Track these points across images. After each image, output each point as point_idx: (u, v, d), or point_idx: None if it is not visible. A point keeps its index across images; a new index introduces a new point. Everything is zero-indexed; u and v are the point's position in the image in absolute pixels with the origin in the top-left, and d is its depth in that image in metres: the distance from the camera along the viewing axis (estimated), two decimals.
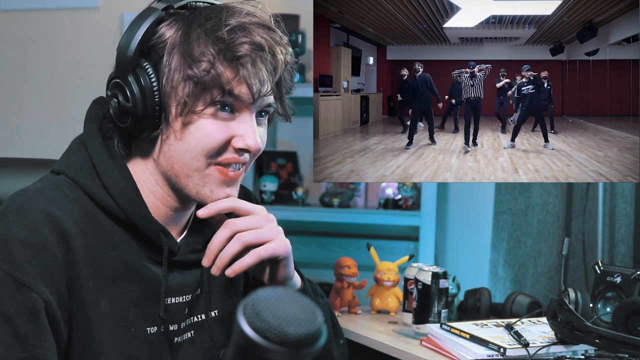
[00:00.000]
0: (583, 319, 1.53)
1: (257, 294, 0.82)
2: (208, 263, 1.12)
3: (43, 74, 3.09)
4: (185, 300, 1.17)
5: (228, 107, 1.09)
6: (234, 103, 1.09)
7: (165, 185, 1.13)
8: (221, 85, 1.06)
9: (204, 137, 1.08)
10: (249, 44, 1.06)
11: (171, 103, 1.08)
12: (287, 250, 1.14)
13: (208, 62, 1.05)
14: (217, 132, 1.08)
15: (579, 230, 2.38)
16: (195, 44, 1.06)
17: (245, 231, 1.11)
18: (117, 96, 1.08)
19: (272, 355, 0.80)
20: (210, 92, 1.06)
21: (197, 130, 1.08)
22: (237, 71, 1.06)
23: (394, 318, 2.02)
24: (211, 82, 1.06)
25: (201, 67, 1.05)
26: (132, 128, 1.09)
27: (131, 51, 1.07)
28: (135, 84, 1.06)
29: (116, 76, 1.09)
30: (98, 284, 1.06)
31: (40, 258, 1.00)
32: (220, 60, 1.06)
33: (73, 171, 1.10)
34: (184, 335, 1.18)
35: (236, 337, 0.83)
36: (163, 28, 1.09)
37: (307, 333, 0.80)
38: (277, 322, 0.80)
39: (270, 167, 2.86)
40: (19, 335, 0.98)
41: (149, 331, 1.12)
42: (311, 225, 2.85)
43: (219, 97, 1.07)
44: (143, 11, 1.10)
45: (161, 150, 1.10)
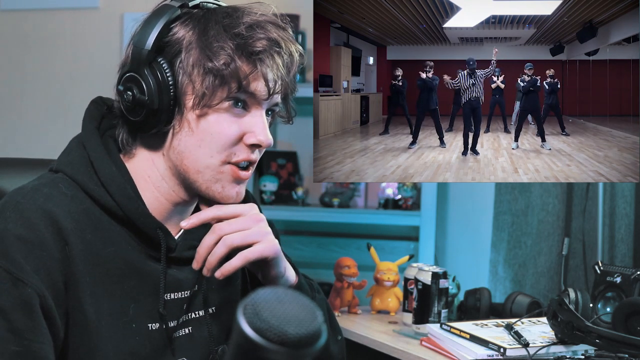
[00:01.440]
0: (583, 319, 1.53)
1: (257, 294, 0.82)
2: (197, 266, 1.14)
3: (43, 74, 3.08)
4: (184, 296, 1.18)
5: (241, 103, 1.11)
6: (247, 99, 1.11)
7: (172, 180, 1.14)
8: (239, 79, 1.09)
9: (218, 133, 1.10)
10: (266, 39, 1.10)
11: (187, 97, 1.10)
12: (274, 250, 1.15)
13: (227, 55, 1.08)
14: (230, 128, 1.11)
15: (579, 230, 2.38)
16: (214, 39, 1.09)
17: (231, 234, 1.12)
18: (132, 89, 1.09)
19: (272, 355, 0.80)
20: (228, 85, 1.09)
21: (210, 125, 1.10)
22: (254, 66, 1.09)
23: (394, 318, 2.01)
24: (230, 76, 1.08)
25: (220, 61, 1.08)
26: (145, 121, 1.10)
27: (148, 45, 1.09)
28: (151, 77, 1.09)
29: (131, 70, 1.10)
30: (96, 280, 1.07)
31: (36, 254, 1.01)
32: (239, 54, 1.09)
33: (71, 169, 1.11)
34: (181, 331, 1.18)
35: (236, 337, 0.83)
36: (178, 26, 1.11)
37: (307, 333, 0.80)
38: (277, 322, 0.80)
39: (270, 167, 2.86)
40: (14, 329, 0.99)
41: (151, 327, 1.12)
42: (311, 225, 2.86)
43: (234, 92, 1.09)
44: (160, 8, 1.12)
45: (172, 144, 1.12)
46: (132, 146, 1.15)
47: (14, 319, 0.99)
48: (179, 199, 1.16)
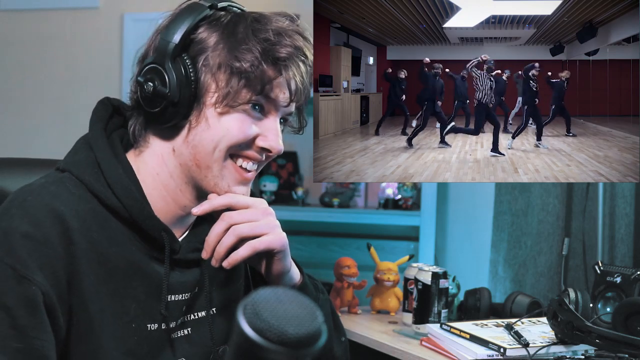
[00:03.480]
0: (583, 319, 1.53)
1: (257, 294, 0.82)
2: (206, 255, 1.15)
3: (43, 74, 3.09)
4: (184, 298, 1.18)
5: (258, 107, 1.13)
6: (266, 105, 1.14)
7: (180, 177, 1.15)
8: (263, 83, 1.11)
9: (233, 130, 1.12)
10: (292, 47, 1.12)
11: (208, 95, 1.12)
12: (282, 243, 1.16)
13: (255, 58, 1.10)
14: (246, 128, 1.13)
15: (579, 230, 2.38)
16: (242, 41, 1.11)
17: (240, 224, 1.13)
18: (154, 80, 1.11)
19: (272, 355, 0.80)
20: (252, 87, 1.11)
21: (229, 123, 1.12)
22: (279, 72, 1.12)
23: (394, 318, 2.02)
24: (255, 78, 1.10)
25: (247, 63, 1.10)
26: (162, 114, 1.11)
27: (176, 40, 1.10)
28: (174, 71, 1.10)
29: (155, 62, 1.11)
30: (100, 279, 1.07)
31: (41, 251, 1.02)
32: (265, 59, 1.11)
33: (77, 169, 1.12)
34: (180, 332, 1.19)
35: (236, 337, 0.83)
36: (205, 25, 1.13)
37: (307, 333, 0.80)
38: (277, 322, 0.80)
39: (270, 167, 2.86)
40: (17, 326, 0.99)
41: (150, 328, 1.13)
42: (311, 225, 2.86)
43: (255, 96, 1.11)
44: (190, 5, 1.14)
45: (186, 139, 1.13)
46: (145, 139, 1.16)
47: (18, 316, 0.99)
48: (185, 200, 1.16)
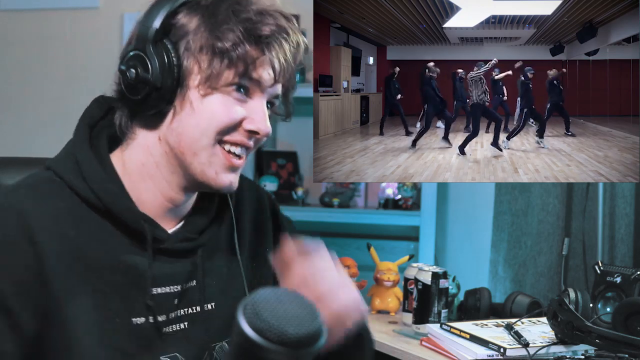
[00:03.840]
0: (583, 319, 1.53)
1: (257, 294, 0.82)
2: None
3: (43, 74, 3.08)
4: (174, 290, 1.16)
5: (243, 90, 1.12)
6: (250, 86, 1.12)
7: (166, 167, 1.14)
8: (246, 63, 1.09)
9: (218, 114, 1.10)
10: (275, 26, 1.11)
11: (191, 78, 1.10)
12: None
13: (237, 37, 1.09)
14: (230, 111, 1.11)
15: (579, 230, 2.38)
16: (223, 21, 1.10)
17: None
18: (136, 67, 1.10)
19: (272, 355, 0.80)
20: (235, 67, 1.09)
21: (212, 105, 1.10)
22: (262, 51, 1.10)
23: (394, 318, 2.01)
24: (237, 58, 1.09)
25: (229, 42, 1.09)
26: (145, 100, 1.10)
27: (156, 25, 1.09)
28: (156, 56, 1.09)
29: (136, 48, 1.11)
30: (77, 275, 1.06)
31: (1, 252, 1.02)
32: (247, 38, 1.09)
33: (57, 166, 1.12)
34: (173, 326, 1.16)
35: (236, 336, 0.83)
36: (185, 11, 1.12)
37: (307, 333, 0.80)
38: (277, 322, 0.80)
39: (270, 167, 2.86)
40: None
41: (135, 322, 1.11)
42: (311, 225, 2.85)
43: (238, 78, 1.10)
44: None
45: (170, 125, 1.12)
46: (131, 131, 1.15)
47: None
48: (171, 192, 1.15)
